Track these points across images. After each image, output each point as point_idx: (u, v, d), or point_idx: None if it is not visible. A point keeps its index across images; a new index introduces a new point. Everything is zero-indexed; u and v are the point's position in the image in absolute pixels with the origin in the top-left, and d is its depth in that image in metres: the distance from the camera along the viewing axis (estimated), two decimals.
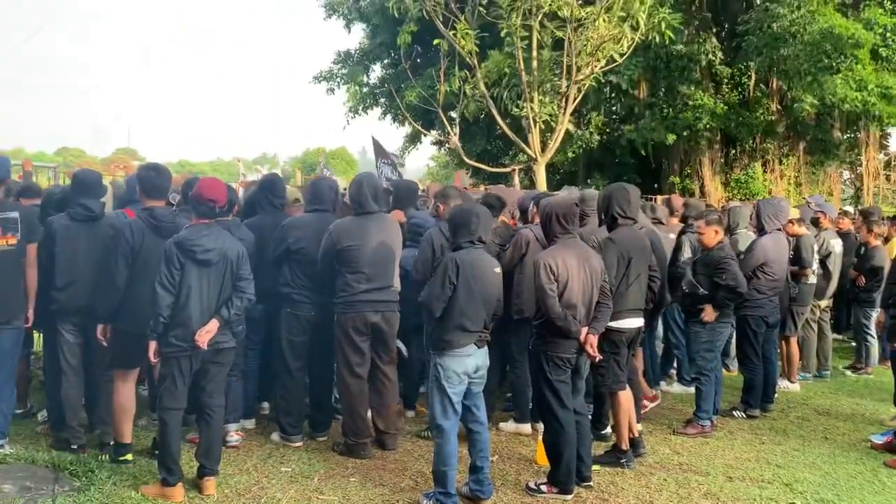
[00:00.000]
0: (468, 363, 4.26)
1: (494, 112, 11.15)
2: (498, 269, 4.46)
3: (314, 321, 5.21)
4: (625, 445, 4.98)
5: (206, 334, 4.19)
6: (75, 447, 4.88)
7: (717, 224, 5.77)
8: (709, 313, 5.71)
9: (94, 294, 4.77)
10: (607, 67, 10.71)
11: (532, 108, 10.65)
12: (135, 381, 4.89)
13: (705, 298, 5.68)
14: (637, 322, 5.02)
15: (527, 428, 5.47)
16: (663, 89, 14.76)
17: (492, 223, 4.82)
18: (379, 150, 11.93)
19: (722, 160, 16.22)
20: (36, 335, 5.81)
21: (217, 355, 4.35)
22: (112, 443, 4.82)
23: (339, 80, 17.58)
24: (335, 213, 5.47)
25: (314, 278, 5.16)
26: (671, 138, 14.15)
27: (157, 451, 4.46)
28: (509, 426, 5.65)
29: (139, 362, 4.67)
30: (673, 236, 6.73)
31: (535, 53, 10.65)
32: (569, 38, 9.90)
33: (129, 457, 4.74)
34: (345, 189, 6.87)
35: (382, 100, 17.65)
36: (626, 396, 4.96)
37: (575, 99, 10.75)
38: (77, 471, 4.50)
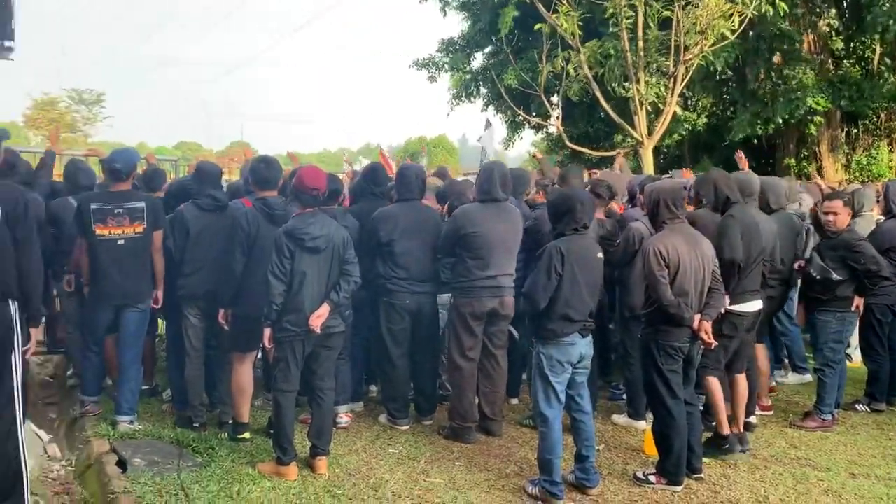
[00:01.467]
0: (572, 352, 4.21)
1: (598, 94, 10.92)
2: (600, 255, 4.38)
3: (410, 309, 5.29)
4: (725, 430, 4.79)
5: (318, 318, 4.32)
6: (197, 425, 5.15)
7: (851, 206, 5.46)
8: (858, 302, 5.46)
9: (217, 280, 5.01)
10: (717, 45, 10.27)
11: (638, 90, 10.37)
12: (252, 363, 5.13)
13: (837, 284, 5.39)
14: (757, 304, 4.84)
15: (641, 424, 5.35)
16: (771, 73, 13.93)
17: (594, 209, 4.71)
18: (488, 135, 12.03)
19: (842, 139, 15.24)
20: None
21: (328, 339, 4.48)
22: (231, 421, 5.07)
23: (440, 67, 17.65)
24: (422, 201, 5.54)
25: (408, 268, 5.24)
26: (770, 129, 13.37)
27: (272, 431, 4.66)
28: (622, 419, 5.55)
29: (256, 345, 4.87)
30: None
31: (640, 33, 10.35)
32: (676, 16, 9.56)
33: (247, 435, 4.97)
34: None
35: (484, 90, 17.63)
36: (717, 383, 4.78)
37: (683, 79, 10.39)
38: (199, 447, 4.76)
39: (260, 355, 5.47)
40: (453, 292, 5.19)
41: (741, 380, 4.90)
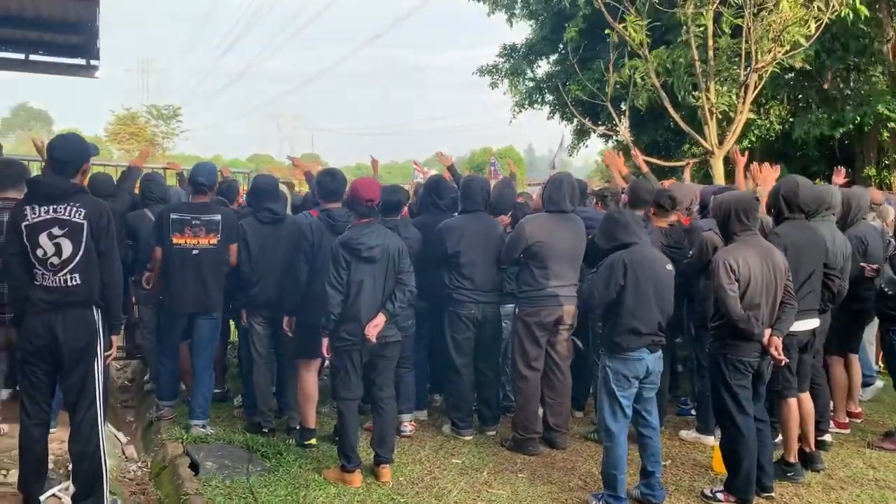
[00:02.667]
0: (638, 367, 4.15)
1: (667, 103, 10.74)
2: (670, 267, 4.31)
3: (475, 318, 5.33)
4: (792, 458, 4.64)
5: (374, 328, 4.38)
6: (266, 430, 5.28)
7: None
8: None
9: (280, 289, 5.16)
10: (792, 52, 9.96)
11: (708, 98, 10.15)
12: (317, 370, 5.23)
13: None
14: (810, 324, 4.63)
15: (710, 440, 5.23)
16: (847, 75, 13.35)
17: (641, 225, 4.61)
18: (561, 148, 12.05)
19: None
20: (233, 326, 6.37)
21: (384, 349, 4.53)
22: (298, 427, 5.18)
23: (502, 73, 17.57)
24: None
25: (472, 278, 5.29)
26: (836, 133, 12.81)
27: (337, 438, 4.74)
28: (690, 435, 5.44)
29: (320, 353, 4.98)
30: None
31: (710, 42, 10.13)
32: (747, 23, 9.33)
33: (314, 441, 5.07)
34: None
35: (550, 97, 17.46)
36: (795, 404, 4.62)
37: (755, 87, 10.11)
38: (268, 452, 4.89)
39: (326, 363, 5.59)
40: (518, 302, 5.20)
41: (804, 399, 4.74)
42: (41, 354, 3.74)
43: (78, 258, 3.71)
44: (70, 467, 4.01)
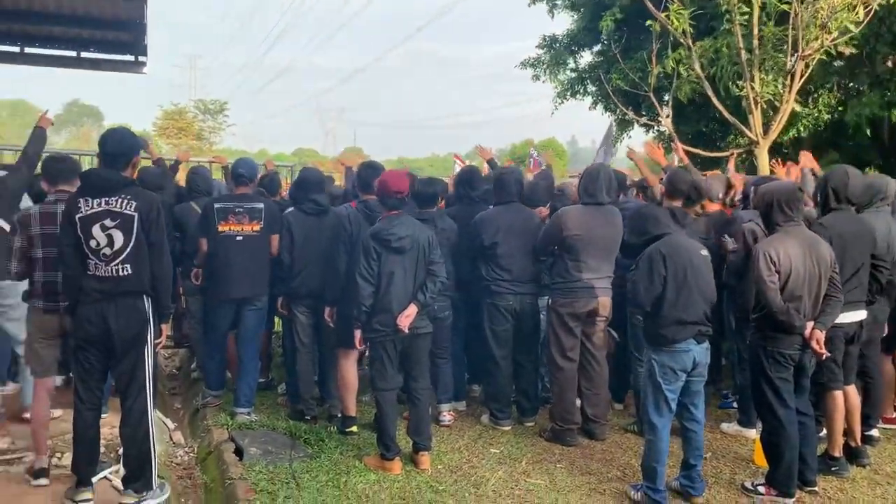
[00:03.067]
0: (685, 359, 4.08)
1: (710, 93, 10.57)
2: (705, 252, 4.25)
3: (513, 309, 5.34)
4: (837, 452, 4.57)
5: (405, 318, 4.43)
6: (308, 418, 5.40)
7: None
8: None
9: (323, 279, 5.25)
10: (840, 39, 9.71)
11: (752, 88, 9.96)
12: (356, 360, 5.32)
13: None
14: (857, 315, 4.56)
15: (751, 433, 5.18)
16: (894, 59, 12.92)
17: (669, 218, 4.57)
18: (607, 137, 11.94)
19: None
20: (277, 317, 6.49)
21: (416, 340, 4.59)
22: (339, 415, 5.28)
23: (544, 65, 17.46)
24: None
25: (510, 269, 5.30)
26: (894, 116, 12.37)
27: (376, 426, 4.82)
28: (731, 427, 5.39)
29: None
30: None
31: (755, 31, 9.93)
32: (794, 10, 9.12)
33: (355, 429, 5.17)
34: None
35: (592, 88, 17.30)
36: (840, 397, 4.55)
37: (802, 75, 9.88)
38: (310, 439, 4.99)
39: (366, 353, 5.67)
40: (551, 293, 5.21)
41: (850, 392, 4.67)
42: (94, 342, 3.89)
43: (129, 249, 3.84)
44: (120, 451, 4.16)
